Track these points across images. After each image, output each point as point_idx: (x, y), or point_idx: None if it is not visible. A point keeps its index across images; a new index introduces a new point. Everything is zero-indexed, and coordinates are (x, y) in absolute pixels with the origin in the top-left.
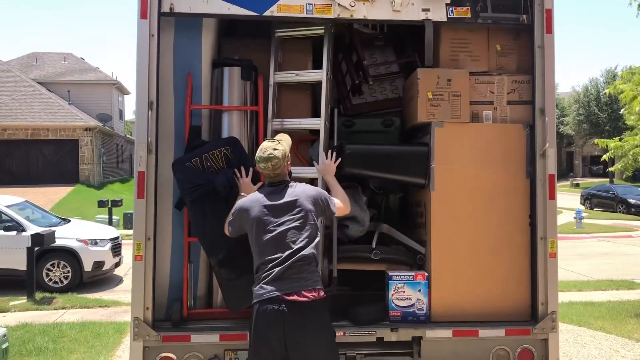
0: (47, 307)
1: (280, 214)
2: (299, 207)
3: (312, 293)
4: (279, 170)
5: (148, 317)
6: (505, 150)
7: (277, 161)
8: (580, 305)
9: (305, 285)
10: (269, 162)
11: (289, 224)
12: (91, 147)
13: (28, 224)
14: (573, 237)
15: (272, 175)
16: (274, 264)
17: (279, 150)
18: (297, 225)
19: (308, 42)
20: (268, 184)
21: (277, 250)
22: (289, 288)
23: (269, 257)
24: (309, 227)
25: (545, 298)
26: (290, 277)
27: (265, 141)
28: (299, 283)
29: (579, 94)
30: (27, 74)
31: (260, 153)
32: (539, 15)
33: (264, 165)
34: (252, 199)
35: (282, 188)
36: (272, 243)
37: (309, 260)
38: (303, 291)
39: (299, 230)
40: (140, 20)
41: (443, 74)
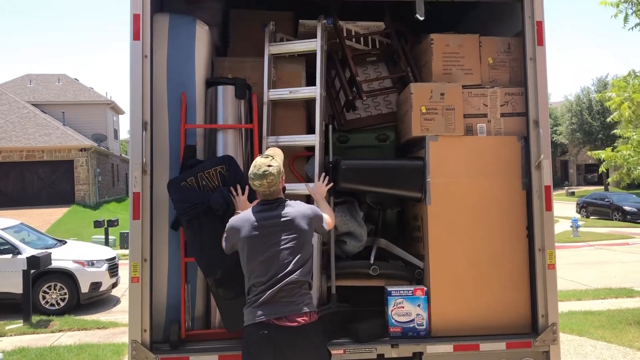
0: (44, 330)
1: (272, 234)
2: (293, 227)
3: (302, 317)
4: (275, 187)
5: (146, 339)
6: (501, 163)
7: (272, 178)
8: (580, 314)
9: (296, 309)
10: (264, 179)
11: (281, 245)
12: (86, 167)
13: (24, 246)
14: (570, 246)
15: (267, 193)
16: (265, 287)
17: (274, 166)
18: (289, 246)
19: (301, 59)
20: (262, 201)
21: (268, 272)
22: (279, 312)
23: (259, 279)
24: (302, 249)
25: (545, 310)
26: (280, 301)
27: (258, 157)
28: (289, 307)
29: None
30: (22, 96)
31: (255, 170)
32: (530, 28)
33: (259, 182)
34: (243, 218)
35: (276, 206)
36: (263, 265)
37: (300, 284)
38: (293, 315)
39: (292, 252)
40: (132, 42)
41: (436, 88)
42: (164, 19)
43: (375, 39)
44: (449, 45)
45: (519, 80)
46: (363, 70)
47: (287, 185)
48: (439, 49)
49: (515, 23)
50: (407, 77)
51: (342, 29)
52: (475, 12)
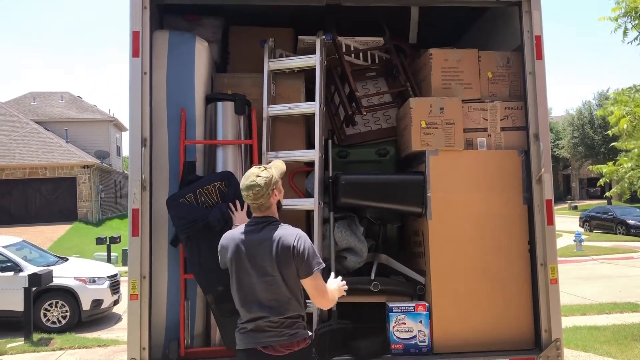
0: (45, 348)
1: (254, 260)
2: (271, 258)
3: (287, 348)
4: (263, 200)
5: (145, 357)
6: (501, 177)
7: (258, 189)
8: (585, 329)
9: (280, 340)
10: (250, 190)
11: (261, 274)
12: (89, 184)
13: (25, 264)
14: (574, 260)
15: (256, 206)
16: (250, 317)
17: (262, 177)
18: (267, 279)
19: (300, 75)
20: (252, 218)
21: (252, 300)
22: (265, 341)
23: (244, 306)
24: (278, 286)
25: (548, 325)
26: (266, 330)
27: (253, 167)
28: (274, 339)
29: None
30: (25, 114)
31: (244, 180)
32: (529, 42)
33: (246, 193)
34: (230, 237)
35: (263, 227)
36: (246, 291)
37: (281, 321)
38: (278, 345)
39: (270, 285)
40: (132, 59)
41: (436, 103)
42: (164, 36)
43: (374, 54)
44: (447, 60)
45: (518, 94)
46: (362, 85)
47: (288, 201)
48: (438, 63)
49: (514, 38)
50: (406, 92)
51: (341, 44)
52: (475, 27)
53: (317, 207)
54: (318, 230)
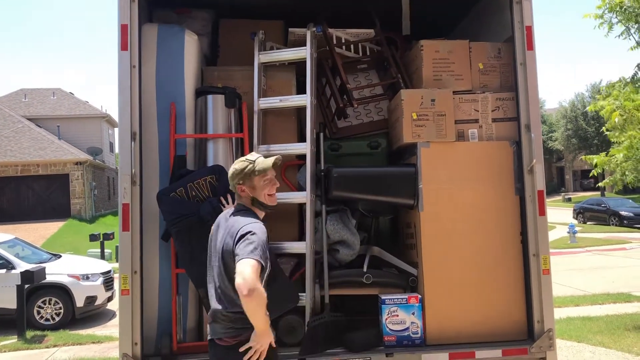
0: (39, 345)
1: (214, 247)
2: (220, 246)
3: (234, 338)
4: (234, 182)
5: (137, 352)
6: (493, 168)
7: (231, 176)
8: (578, 320)
9: (227, 333)
10: (229, 173)
11: (216, 261)
12: (82, 180)
13: (18, 261)
14: (567, 252)
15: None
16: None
17: (242, 162)
18: (219, 265)
19: (291, 68)
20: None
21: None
22: (214, 333)
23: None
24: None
25: (540, 316)
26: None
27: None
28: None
29: (566, 110)
30: (16, 111)
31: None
32: (520, 33)
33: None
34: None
35: (234, 213)
36: (209, 278)
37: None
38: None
39: (221, 273)
40: (121, 52)
41: (427, 94)
42: (153, 29)
43: (365, 46)
44: (438, 51)
45: (509, 85)
46: (354, 77)
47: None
48: (429, 55)
49: (505, 28)
50: (397, 84)
51: (331, 36)
52: (467, 18)
53: (309, 201)
54: (310, 223)
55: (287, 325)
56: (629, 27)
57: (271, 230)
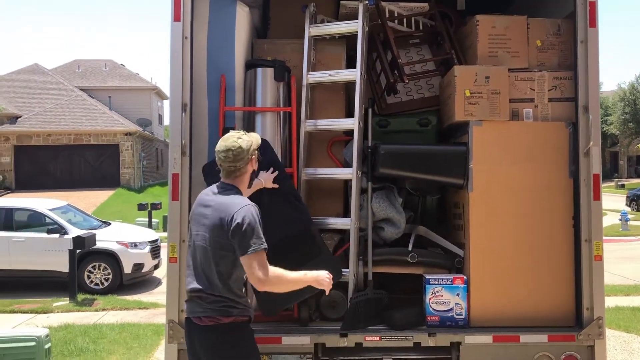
0: (89, 308)
1: (199, 227)
2: (209, 226)
3: (211, 320)
4: (241, 164)
5: (182, 319)
6: (547, 150)
7: (240, 151)
8: (628, 310)
9: (204, 312)
10: (229, 151)
11: (202, 241)
12: (131, 151)
13: (70, 226)
14: (619, 240)
15: (231, 169)
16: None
17: (244, 140)
18: (205, 246)
19: (342, 41)
20: (219, 182)
21: (194, 268)
22: (192, 312)
23: (188, 271)
24: (209, 258)
25: (590, 303)
26: (197, 302)
27: (230, 132)
28: (200, 309)
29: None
30: (70, 81)
31: (221, 142)
32: (582, 8)
33: (224, 155)
34: (198, 196)
35: (223, 193)
36: (190, 259)
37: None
38: (202, 317)
39: (207, 255)
40: (173, 23)
41: (481, 71)
42: (205, 0)
43: (418, 20)
44: (495, 27)
45: (568, 64)
46: (405, 52)
47: (325, 170)
48: (484, 30)
49: (566, 4)
50: (451, 59)
51: (384, 10)
52: None
53: (355, 177)
54: (356, 200)
55: (329, 300)
56: None
57: (316, 206)
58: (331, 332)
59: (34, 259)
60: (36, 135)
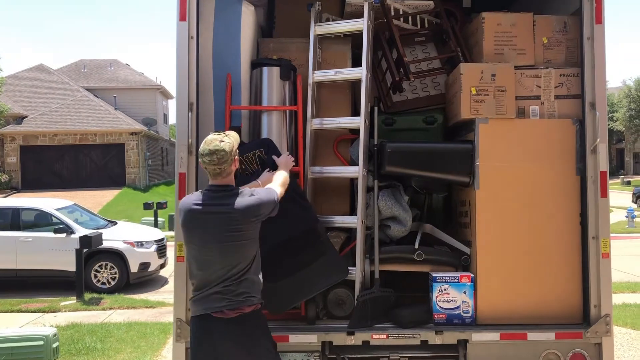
0: (96, 307)
1: (212, 228)
2: (234, 223)
3: (235, 311)
4: (226, 166)
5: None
6: (554, 147)
7: (223, 154)
8: (635, 307)
9: (229, 305)
10: (214, 155)
11: (220, 243)
12: (137, 150)
13: (76, 226)
14: (625, 237)
15: (217, 172)
16: (203, 284)
17: (226, 142)
18: (228, 246)
19: (347, 40)
20: (209, 186)
21: (204, 271)
22: (216, 306)
23: (196, 277)
24: (242, 247)
25: (598, 300)
26: (217, 298)
27: (210, 134)
28: (223, 303)
29: (630, 88)
30: (76, 81)
31: (205, 145)
32: (588, 5)
33: (209, 158)
34: (185, 204)
35: (223, 195)
36: (199, 263)
37: (237, 287)
38: (227, 310)
39: (231, 251)
40: (179, 23)
41: (487, 69)
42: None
43: (424, 18)
44: (501, 24)
45: (574, 61)
46: (411, 50)
47: (332, 168)
48: (490, 28)
49: (572, 0)
50: (456, 57)
51: (389, 8)
52: None
53: (361, 175)
54: (362, 198)
55: (336, 298)
56: None
57: (322, 204)
58: (338, 330)
59: (41, 259)
60: (42, 135)
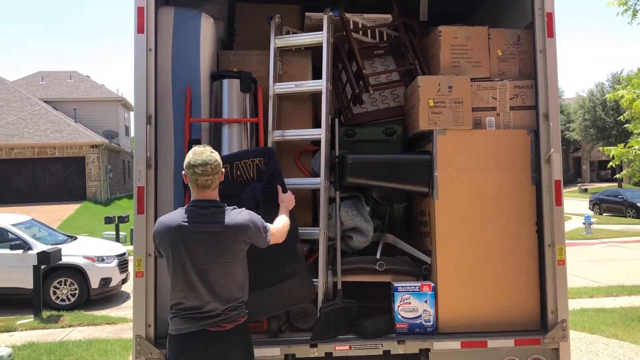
0: (54, 325)
1: (200, 247)
2: (225, 242)
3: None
4: (217, 177)
5: (150, 334)
6: (510, 157)
7: (216, 164)
8: (592, 312)
9: (226, 319)
10: (207, 165)
11: (208, 263)
12: (98, 163)
13: (34, 242)
14: (583, 243)
15: (207, 183)
16: (191, 306)
17: (216, 153)
18: (218, 265)
19: (307, 53)
20: (194, 202)
21: (192, 292)
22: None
23: (182, 299)
24: (232, 269)
25: (554, 306)
26: (213, 316)
27: (194, 147)
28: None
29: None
30: (34, 93)
31: (195, 156)
32: (540, 19)
33: (202, 169)
34: (170, 221)
35: (210, 211)
36: (189, 281)
37: (226, 307)
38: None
39: (221, 270)
40: (137, 35)
41: (444, 81)
42: (169, 12)
43: (382, 31)
44: (457, 38)
45: (528, 73)
46: (370, 63)
47: (294, 180)
48: (447, 41)
49: (525, 15)
50: (414, 70)
51: (348, 21)
52: (485, 3)
53: (323, 187)
54: (324, 209)
55: (299, 311)
56: None
57: None
58: (301, 343)
59: None
60: None
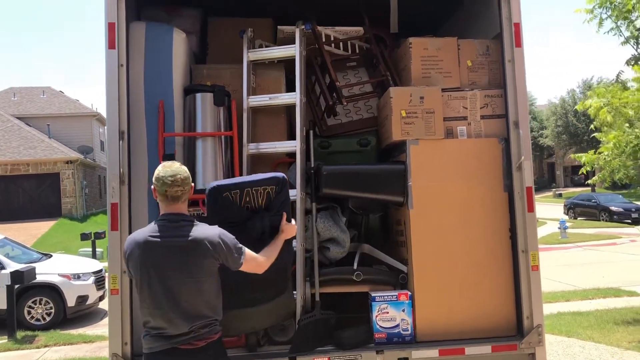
0: (29, 346)
1: (170, 262)
2: (194, 255)
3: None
4: (187, 189)
5: (127, 352)
6: (482, 165)
7: (186, 176)
8: (569, 315)
9: (196, 337)
10: (177, 175)
11: (179, 277)
12: (73, 179)
13: (7, 261)
14: (558, 248)
15: (177, 195)
16: (161, 324)
17: (184, 168)
18: (188, 281)
19: (280, 66)
20: (164, 216)
21: (169, 305)
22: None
23: (150, 310)
24: (202, 284)
25: (530, 312)
26: (174, 336)
27: (162, 162)
28: (190, 336)
29: (556, 106)
30: (5, 109)
31: (164, 169)
32: (508, 30)
33: (172, 179)
34: (138, 237)
35: (179, 226)
36: (158, 297)
37: (191, 325)
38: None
39: (189, 287)
40: (108, 51)
41: (415, 92)
42: (141, 27)
43: (354, 44)
44: (427, 49)
45: (498, 82)
46: (343, 75)
47: None
48: (417, 52)
49: (493, 25)
50: (386, 81)
51: (320, 34)
52: (455, 15)
53: (299, 198)
54: (300, 221)
55: (278, 324)
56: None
57: None
58: (280, 356)
59: None
60: None
